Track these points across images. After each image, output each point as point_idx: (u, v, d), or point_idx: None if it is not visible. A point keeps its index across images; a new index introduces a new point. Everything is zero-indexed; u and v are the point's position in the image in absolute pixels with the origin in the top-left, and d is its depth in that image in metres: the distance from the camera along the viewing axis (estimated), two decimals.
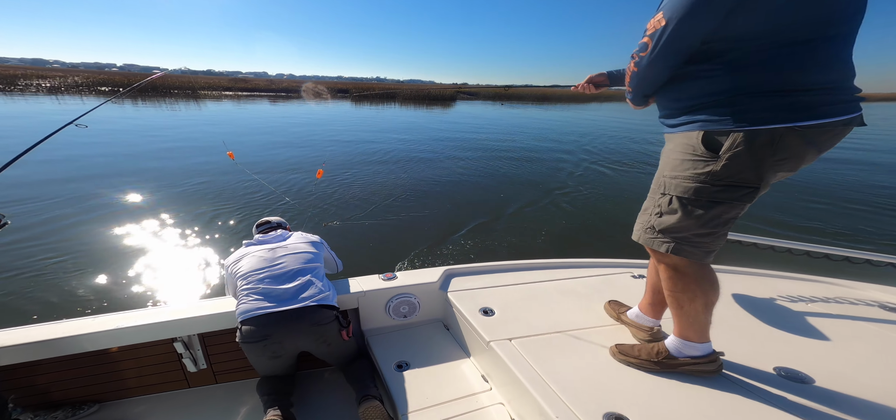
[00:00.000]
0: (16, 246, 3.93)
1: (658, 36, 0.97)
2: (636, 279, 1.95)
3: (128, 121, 14.74)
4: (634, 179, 8.09)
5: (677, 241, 1.09)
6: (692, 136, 1.03)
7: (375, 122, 18.24)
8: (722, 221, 1.05)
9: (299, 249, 1.65)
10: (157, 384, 1.66)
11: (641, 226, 1.20)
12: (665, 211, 1.11)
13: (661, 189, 1.13)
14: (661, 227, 1.12)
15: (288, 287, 1.47)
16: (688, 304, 1.16)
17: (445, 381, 1.45)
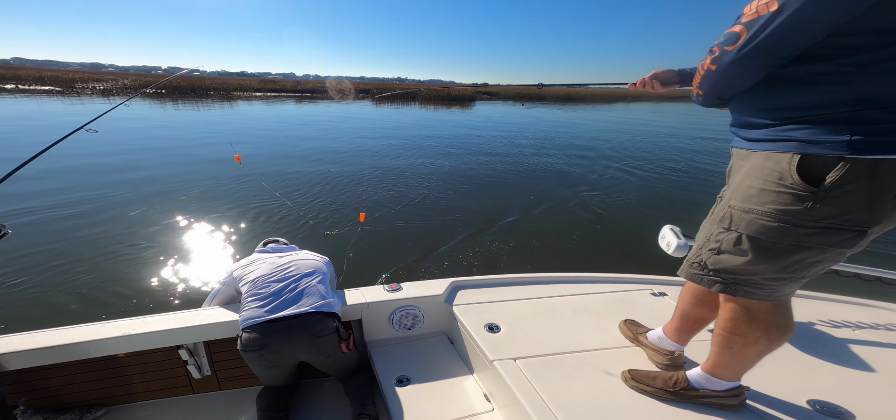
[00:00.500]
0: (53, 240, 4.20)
1: (763, 24, 0.73)
2: (656, 298, 1.82)
3: (154, 121, 15.97)
4: (662, 188, 7.60)
5: (734, 282, 0.93)
6: (781, 158, 0.81)
7: (392, 120, 18.84)
8: (804, 266, 0.86)
9: (307, 258, 1.67)
10: (163, 390, 1.69)
11: (690, 259, 1.05)
12: (726, 249, 0.92)
13: (725, 221, 0.93)
14: (717, 266, 0.95)
15: (291, 294, 1.46)
16: (741, 347, 1.01)
17: (446, 399, 1.41)
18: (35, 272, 3.62)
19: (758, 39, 0.75)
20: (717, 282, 0.96)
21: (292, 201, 5.92)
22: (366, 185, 6.82)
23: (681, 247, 1.52)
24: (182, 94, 34.21)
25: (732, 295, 0.95)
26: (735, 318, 0.99)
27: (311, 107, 27.42)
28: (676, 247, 1.54)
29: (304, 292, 1.48)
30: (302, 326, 1.40)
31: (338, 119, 18.68)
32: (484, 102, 45.68)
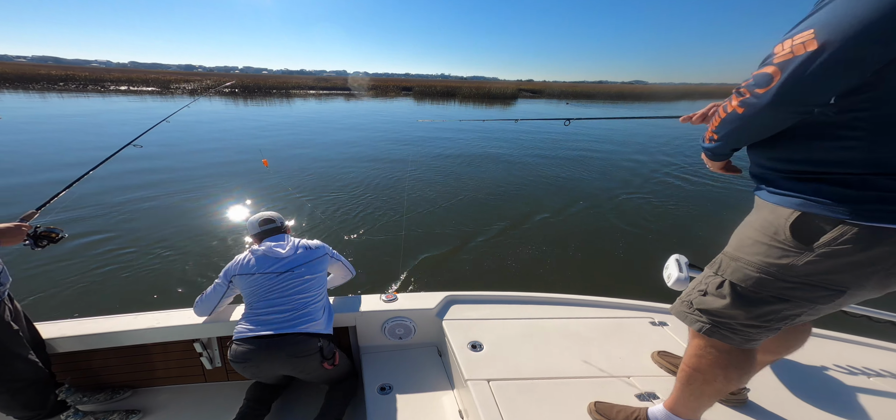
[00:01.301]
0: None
1: (800, 65, 0.64)
2: (655, 327, 1.78)
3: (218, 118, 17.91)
4: (690, 209, 6.62)
5: (714, 323, 0.95)
6: (780, 213, 0.79)
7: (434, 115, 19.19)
8: (779, 318, 0.87)
9: (308, 259, 1.63)
10: (179, 376, 1.86)
11: (682, 297, 1.07)
12: (711, 292, 0.95)
13: (715, 265, 0.96)
14: (702, 306, 0.97)
15: (280, 313, 1.49)
16: (700, 384, 1.02)
17: (423, 411, 1.44)
18: (126, 259, 4.12)
19: (793, 82, 0.66)
20: (700, 321, 0.98)
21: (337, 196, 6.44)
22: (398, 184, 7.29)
23: (680, 280, 1.42)
24: (250, 93, 38.90)
25: (709, 336, 0.96)
26: (699, 355, 1.01)
27: (358, 104, 29.65)
28: (676, 279, 1.43)
29: (293, 311, 1.49)
30: (284, 345, 1.43)
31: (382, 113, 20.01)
32: (526, 101, 44.75)
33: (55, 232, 1.42)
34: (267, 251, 1.62)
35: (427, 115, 22.12)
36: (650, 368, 1.52)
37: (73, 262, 4.02)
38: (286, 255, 1.62)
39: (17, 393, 1.35)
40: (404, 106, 29.04)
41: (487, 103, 38.99)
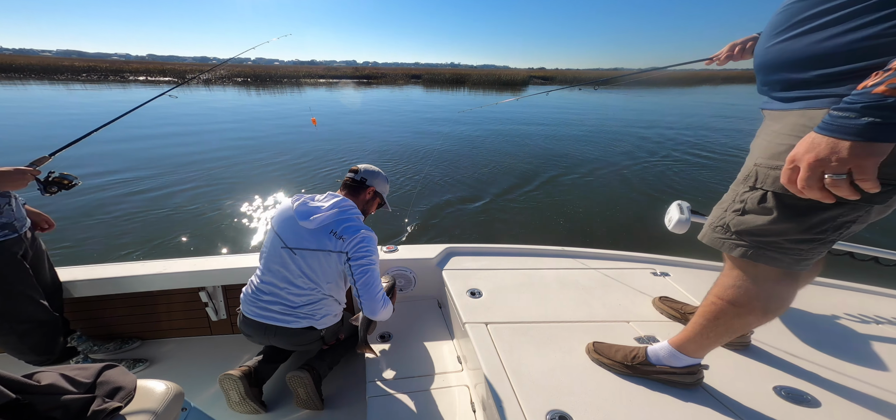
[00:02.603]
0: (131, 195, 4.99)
1: None
2: (657, 277, 1.75)
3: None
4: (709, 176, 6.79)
5: (759, 245, 0.84)
6: (817, 115, 0.70)
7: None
8: (833, 226, 0.77)
9: (318, 262, 1.29)
10: (186, 329, 1.83)
11: (712, 222, 0.95)
12: (751, 209, 0.84)
13: (750, 179, 0.85)
14: (741, 227, 0.86)
15: (279, 303, 1.31)
16: (730, 318, 0.94)
17: (421, 358, 1.44)
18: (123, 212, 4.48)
19: None
20: (741, 245, 0.87)
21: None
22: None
23: (682, 222, 1.37)
24: (262, 82, 39.58)
25: (754, 261, 0.85)
26: (736, 285, 0.91)
27: (370, 92, 29.92)
28: (677, 221, 1.38)
29: (292, 306, 1.30)
30: (282, 334, 1.33)
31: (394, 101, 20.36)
32: (538, 87, 43.97)
33: (68, 179, 1.38)
34: (301, 204, 1.32)
35: (439, 101, 22.10)
36: (650, 314, 1.49)
37: (108, 210, 4.51)
38: (311, 223, 1.26)
39: (24, 335, 1.34)
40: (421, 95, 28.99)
41: (498, 90, 38.64)
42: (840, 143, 0.58)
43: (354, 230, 1.28)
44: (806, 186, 0.64)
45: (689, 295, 1.62)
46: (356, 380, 1.53)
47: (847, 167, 0.58)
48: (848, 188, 0.59)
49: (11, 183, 1.22)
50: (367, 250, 1.28)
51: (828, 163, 0.60)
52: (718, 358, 1.22)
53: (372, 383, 1.30)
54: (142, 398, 0.73)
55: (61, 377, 0.64)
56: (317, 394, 1.35)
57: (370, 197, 1.45)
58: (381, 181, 1.48)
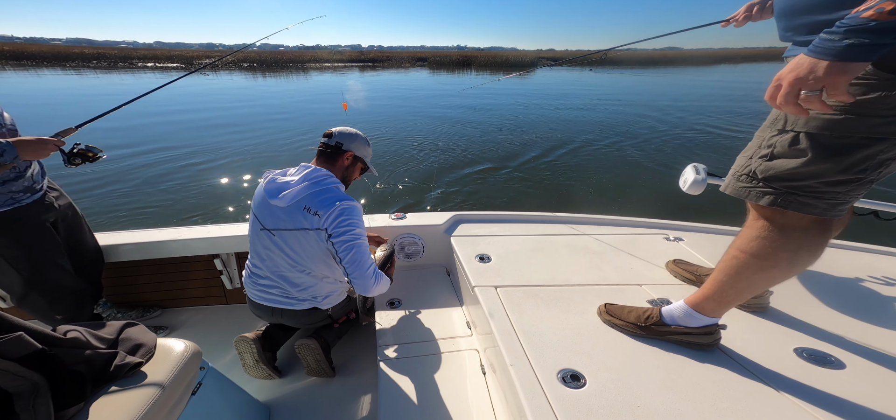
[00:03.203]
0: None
1: None
2: (671, 242, 1.72)
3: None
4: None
5: (790, 191, 0.79)
6: None
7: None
8: (873, 164, 0.73)
9: (298, 242, 1.19)
10: (204, 297, 1.88)
11: (736, 171, 0.91)
12: (780, 152, 0.80)
13: (779, 122, 0.81)
14: (770, 173, 0.81)
15: (273, 286, 1.26)
16: (753, 273, 0.89)
17: (431, 323, 1.45)
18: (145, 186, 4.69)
19: None
20: (769, 192, 0.81)
21: None
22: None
23: (697, 182, 1.33)
24: (268, 67, 39.46)
25: (784, 208, 0.79)
26: (762, 236, 0.85)
27: (375, 76, 29.63)
28: (692, 182, 1.34)
29: (291, 286, 1.25)
30: (288, 316, 1.30)
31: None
32: (546, 69, 42.85)
33: (93, 151, 1.37)
34: (270, 181, 1.22)
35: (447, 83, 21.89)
36: (664, 277, 1.46)
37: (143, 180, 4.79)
38: (281, 201, 1.16)
39: (54, 301, 1.36)
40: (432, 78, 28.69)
41: (505, 72, 37.95)
42: (819, 63, 0.60)
43: (329, 202, 1.14)
44: (783, 102, 0.66)
45: (704, 259, 1.58)
46: (367, 346, 1.55)
47: (821, 85, 0.60)
48: (819, 103, 0.62)
49: (32, 152, 1.22)
50: (349, 223, 1.15)
51: (805, 81, 0.62)
52: (735, 320, 1.17)
53: (382, 349, 1.31)
54: (162, 355, 0.76)
55: (86, 333, 0.67)
56: (326, 361, 1.36)
57: (349, 162, 1.31)
58: (359, 144, 1.32)
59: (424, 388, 1.16)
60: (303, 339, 1.34)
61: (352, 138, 1.31)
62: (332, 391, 1.38)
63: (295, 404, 1.32)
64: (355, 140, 1.32)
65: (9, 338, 0.52)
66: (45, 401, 0.54)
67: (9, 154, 1.19)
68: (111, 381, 0.67)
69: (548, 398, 0.88)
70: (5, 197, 1.22)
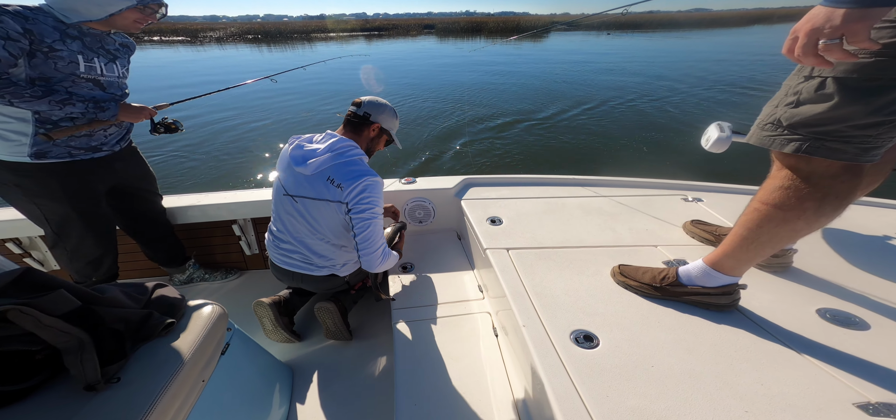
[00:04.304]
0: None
1: None
2: (689, 203, 1.66)
3: None
4: None
5: (817, 136, 0.76)
6: None
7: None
8: None
9: (319, 211, 1.21)
10: (223, 263, 1.91)
11: (761, 120, 0.88)
12: (807, 98, 0.77)
13: (804, 70, 0.79)
14: (796, 120, 0.78)
15: (294, 250, 1.29)
16: (775, 225, 0.85)
17: (443, 287, 1.45)
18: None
19: None
20: (795, 139, 0.79)
21: None
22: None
23: (721, 140, 1.27)
24: (272, 39, 38.71)
25: (811, 154, 0.77)
26: (786, 186, 0.82)
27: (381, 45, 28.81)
28: (716, 139, 1.28)
29: (311, 252, 1.28)
30: (307, 282, 1.35)
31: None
32: (561, 33, 40.99)
33: (175, 124, 1.54)
34: (296, 147, 1.23)
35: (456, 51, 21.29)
36: (680, 238, 1.41)
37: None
38: (307, 169, 1.17)
39: (72, 260, 1.41)
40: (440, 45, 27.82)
41: (517, 37, 36.34)
42: (835, 11, 0.59)
43: (354, 177, 1.15)
44: (802, 53, 0.65)
45: (724, 219, 1.52)
46: (382, 310, 1.60)
47: (840, 33, 0.59)
48: (840, 52, 0.61)
49: (130, 115, 1.35)
50: (370, 201, 1.17)
51: (822, 31, 0.61)
52: (755, 280, 1.14)
53: (397, 313, 1.33)
54: (191, 316, 0.80)
55: (122, 292, 0.70)
56: (344, 324, 1.41)
57: (375, 134, 1.29)
58: (387, 115, 1.30)
59: (438, 350, 1.19)
60: (322, 303, 1.39)
61: (380, 109, 1.28)
62: (350, 353, 1.44)
63: (315, 366, 1.39)
64: (383, 111, 1.29)
65: (50, 295, 0.55)
66: (91, 357, 0.57)
67: (111, 112, 1.28)
68: (146, 340, 0.70)
69: (560, 358, 0.89)
70: (62, 149, 1.25)
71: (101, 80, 1.28)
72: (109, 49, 1.31)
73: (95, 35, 1.26)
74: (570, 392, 0.81)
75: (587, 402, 0.79)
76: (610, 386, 0.82)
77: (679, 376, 0.84)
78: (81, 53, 1.21)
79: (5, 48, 1.06)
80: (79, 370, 0.57)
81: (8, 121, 1.16)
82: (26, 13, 1.11)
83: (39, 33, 1.11)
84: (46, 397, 0.59)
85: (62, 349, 0.56)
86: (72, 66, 1.18)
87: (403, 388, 1.06)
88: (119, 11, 1.21)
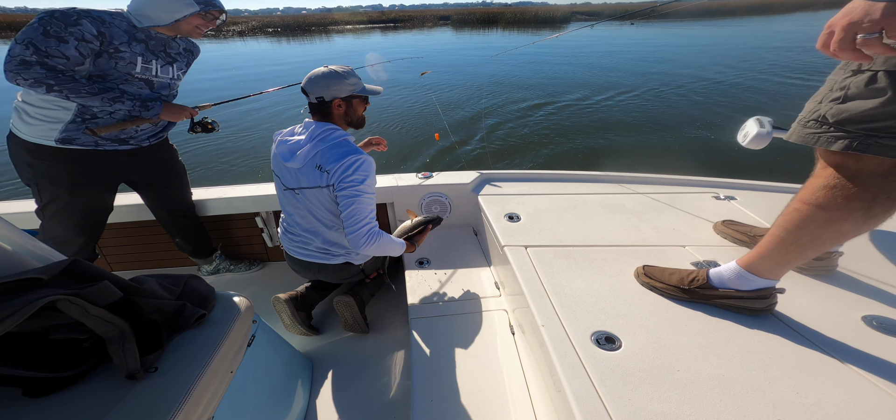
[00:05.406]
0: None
1: None
2: (721, 201, 1.59)
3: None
4: None
5: (867, 133, 0.72)
6: None
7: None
8: None
9: (318, 199, 1.21)
10: (247, 254, 1.94)
11: (803, 117, 0.83)
12: (856, 93, 0.73)
13: (852, 65, 0.75)
14: (843, 116, 0.75)
15: (305, 243, 1.31)
16: (819, 226, 0.80)
17: (459, 283, 1.45)
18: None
19: None
20: (842, 136, 0.75)
21: None
22: None
23: (761, 136, 1.19)
24: (292, 32, 39.30)
25: (862, 152, 0.73)
26: (832, 186, 0.78)
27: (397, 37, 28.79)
28: (756, 135, 1.20)
29: (325, 242, 1.28)
30: (321, 271, 1.35)
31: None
32: (581, 24, 39.69)
33: (212, 124, 1.59)
34: (279, 144, 1.22)
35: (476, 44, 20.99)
36: (711, 238, 1.34)
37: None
38: (296, 162, 1.17)
39: (62, 245, 1.39)
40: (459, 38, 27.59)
41: (534, 29, 35.52)
42: (874, 5, 0.58)
43: (336, 158, 1.13)
44: (839, 48, 0.63)
45: (760, 219, 1.43)
46: (398, 304, 1.60)
47: (879, 27, 0.57)
48: (880, 46, 0.59)
49: (171, 114, 1.41)
50: (352, 180, 1.13)
51: (860, 24, 0.59)
52: (795, 284, 1.07)
53: (413, 308, 1.33)
54: (221, 308, 0.83)
55: (158, 284, 0.74)
56: (361, 318, 1.42)
57: (343, 108, 1.19)
58: (338, 83, 1.15)
59: (454, 346, 1.19)
60: (341, 296, 1.42)
61: (327, 85, 1.15)
62: (367, 346, 1.46)
63: (333, 358, 1.42)
64: (331, 82, 1.15)
65: (96, 285, 0.58)
66: (131, 347, 0.60)
67: (155, 110, 1.35)
68: (181, 331, 0.73)
69: (581, 359, 0.86)
70: (89, 138, 1.31)
71: (153, 80, 1.36)
72: (171, 53, 1.40)
73: (161, 39, 1.35)
74: (590, 393, 0.79)
75: (608, 404, 0.77)
76: (632, 389, 0.80)
77: (707, 381, 0.81)
78: (141, 55, 1.29)
79: (77, 49, 1.14)
80: (121, 359, 0.60)
81: (52, 108, 1.23)
82: (104, 17, 1.20)
83: (110, 36, 1.20)
84: (91, 384, 0.62)
85: (106, 338, 0.60)
86: (129, 66, 1.27)
87: (419, 383, 1.07)
88: (184, 17, 1.29)
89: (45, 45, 1.10)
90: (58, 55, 1.11)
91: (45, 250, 0.67)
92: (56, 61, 1.12)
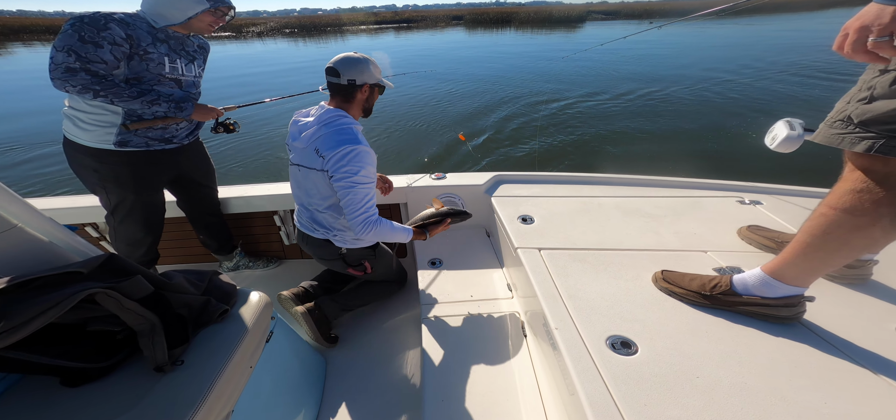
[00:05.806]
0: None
1: None
2: (746, 206, 1.55)
3: None
4: None
5: (893, 134, 0.70)
6: None
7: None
8: None
9: (313, 181, 1.26)
10: (264, 252, 1.98)
11: (830, 117, 0.81)
12: (882, 93, 0.71)
13: (880, 65, 0.73)
14: (868, 116, 0.73)
15: (307, 215, 1.37)
16: (846, 232, 0.78)
17: (471, 284, 1.45)
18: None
19: None
20: (868, 137, 0.73)
21: None
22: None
23: (791, 139, 1.13)
24: (308, 32, 40.05)
25: (887, 154, 0.70)
26: (860, 190, 0.75)
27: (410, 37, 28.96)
28: (786, 137, 1.15)
29: (316, 213, 1.33)
30: (312, 245, 1.40)
31: None
32: (597, 24, 38.93)
33: (233, 124, 1.64)
34: (293, 124, 1.31)
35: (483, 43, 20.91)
36: (734, 244, 1.29)
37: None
38: (301, 142, 1.24)
39: (125, 247, 1.50)
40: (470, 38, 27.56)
41: (549, 28, 35.06)
42: (886, 8, 0.59)
43: (334, 145, 1.14)
44: (852, 50, 0.64)
45: (788, 225, 1.38)
46: (410, 304, 1.63)
47: (889, 30, 0.59)
48: (891, 48, 0.60)
49: (201, 115, 1.47)
50: (348, 170, 1.14)
51: (870, 28, 0.61)
52: (825, 292, 1.02)
53: (425, 308, 1.33)
54: (242, 303, 0.86)
55: (185, 279, 0.77)
56: (317, 332, 1.38)
57: (367, 94, 1.26)
58: (370, 70, 1.22)
59: (466, 347, 1.19)
60: (298, 307, 1.43)
61: (361, 70, 1.20)
62: (379, 345, 1.48)
63: (347, 356, 1.44)
64: (365, 67, 1.21)
65: (130, 280, 0.61)
66: (160, 339, 0.63)
67: (187, 111, 1.39)
68: (205, 326, 0.76)
69: (595, 363, 0.85)
70: (141, 139, 1.37)
71: (181, 79, 1.40)
72: (189, 51, 1.44)
73: (178, 38, 1.38)
74: (604, 398, 0.78)
75: (623, 409, 0.75)
76: (649, 395, 0.78)
77: (728, 389, 0.78)
78: (167, 56, 1.33)
79: (112, 53, 1.18)
80: (151, 351, 0.63)
81: (103, 113, 1.29)
82: (127, 20, 1.24)
83: (137, 38, 1.24)
84: (122, 376, 0.66)
85: (138, 331, 0.63)
86: (159, 67, 1.31)
87: (431, 382, 1.08)
88: (196, 15, 1.31)
89: (85, 51, 1.14)
90: (97, 60, 1.16)
91: (83, 245, 0.70)
92: (97, 67, 1.17)
